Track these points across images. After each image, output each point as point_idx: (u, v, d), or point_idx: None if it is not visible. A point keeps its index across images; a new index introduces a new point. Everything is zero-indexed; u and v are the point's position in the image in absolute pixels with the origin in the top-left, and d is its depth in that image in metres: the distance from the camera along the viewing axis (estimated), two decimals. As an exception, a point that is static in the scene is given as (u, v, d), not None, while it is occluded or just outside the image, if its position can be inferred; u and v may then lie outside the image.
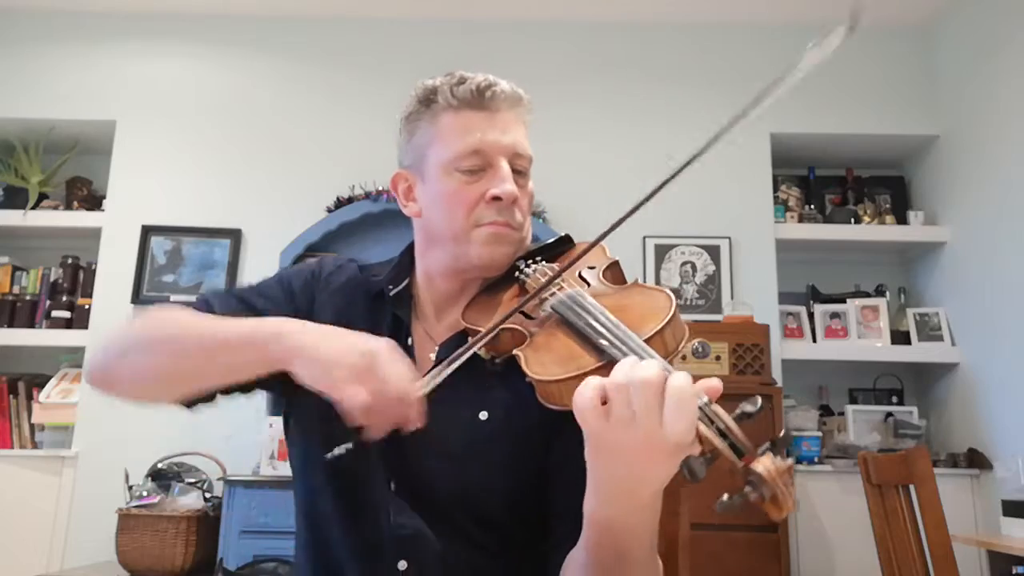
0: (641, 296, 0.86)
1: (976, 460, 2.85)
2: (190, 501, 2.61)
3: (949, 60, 3.24)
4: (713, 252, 3.18)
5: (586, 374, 0.73)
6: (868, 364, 3.20)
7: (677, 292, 3.14)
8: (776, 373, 2.94)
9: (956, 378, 3.07)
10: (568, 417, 0.76)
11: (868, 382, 3.29)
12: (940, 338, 3.11)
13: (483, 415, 0.94)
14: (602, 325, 0.79)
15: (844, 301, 3.24)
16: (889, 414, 3.12)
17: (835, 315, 3.22)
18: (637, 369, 0.65)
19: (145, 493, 2.59)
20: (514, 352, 0.85)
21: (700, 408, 0.65)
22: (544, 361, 0.81)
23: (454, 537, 0.92)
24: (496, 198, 0.95)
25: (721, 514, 0.63)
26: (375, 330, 1.01)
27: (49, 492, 2.95)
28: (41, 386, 3.09)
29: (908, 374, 3.31)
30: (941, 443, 3.10)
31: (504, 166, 0.96)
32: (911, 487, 1.98)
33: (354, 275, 1.09)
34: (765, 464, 0.63)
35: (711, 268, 3.17)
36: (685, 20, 3.39)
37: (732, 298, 3.11)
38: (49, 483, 2.96)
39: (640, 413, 0.64)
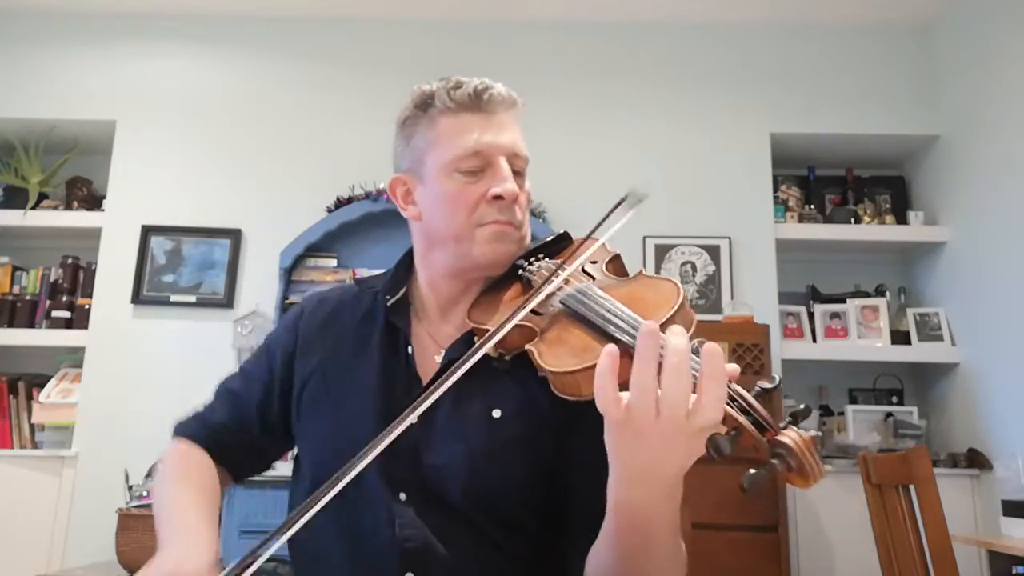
0: (648, 286, 0.87)
1: (976, 460, 2.85)
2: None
3: (949, 60, 3.24)
4: (713, 252, 3.18)
5: None
6: (868, 364, 3.20)
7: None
8: (776, 373, 2.92)
9: (956, 378, 3.07)
10: (582, 409, 0.77)
11: (868, 382, 3.29)
12: (940, 338, 3.11)
13: (496, 412, 0.95)
14: (614, 315, 0.80)
15: (844, 301, 3.24)
16: (889, 414, 3.12)
17: (835, 315, 3.22)
18: (665, 362, 0.65)
19: (145, 493, 2.59)
20: (526, 347, 0.86)
21: None
22: (558, 353, 0.82)
23: (469, 538, 0.92)
24: (498, 197, 0.97)
25: (748, 489, 0.64)
26: (367, 344, 1.04)
27: (49, 492, 2.95)
28: (41, 386, 3.10)
29: (908, 374, 3.31)
30: (941, 443, 3.10)
31: (504, 165, 0.98)
32: (911, 487, 1.99)
33: (341, 298, 1.12)
34: (791, 436, 0.64)
35: (711, 268, 3.17)
36: (683, 19, 3.39)
37: (732, 298, 3.11)
38: (49, 483, 2.96)
39: (666, 414, 0.65)
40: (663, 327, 0.74)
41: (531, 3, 3.34)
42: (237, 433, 1.08)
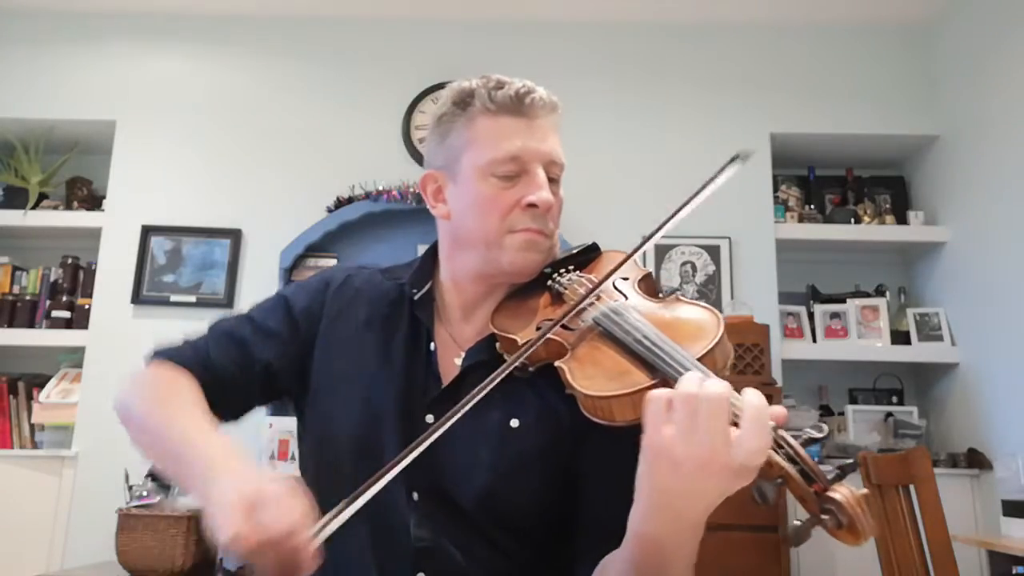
0: (687, 313, 0.84)
1: (976, 460, 2.85)
2: (190, 501, 2.61)
3: (949, 60, 3.24)
4: (713, 252, 3.18)
5: (641, 391, 0.72)
6: (868, 364, 3.20)
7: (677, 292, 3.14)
8: (776, 373, 2.94)
9: (956, 378, 3.07)
10: (602, 427, 0.76)
11: (868, 382, 3.29)
12: (940, 338, 3.11)
13: (514, 422, 0.93)
14: (652, 342, 0.77)
15: (844, 301, 3.24)
16: (889, 414, 3.12)
17: (835, 315, 3.22)
18: (707, 383, 0.65)
19: (145, 493, 2.59)
20: (556, 364, 0.83)
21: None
22: (592, 375, 0.79)
23: (478, 543, 0.92)
24: (532, 205, 0.95)
25: (794, 540, 0.64)
26: (393, 336, 1.01)
27: (49, 492, 2.95)
28: (41, 386, 3.09)
29: (908, 374, 3.31)
30: (941, 443, 3.10)
31: (540, 173, 0.96)
32: (911, 487, 1.99)
33: (368, 282, 1.08)
34: (843, 492, 0.63)
35: (711, 268, 3.17)
36: (683, 20, 3.38)
37: (732, 298, 3.11)
38: (49, 483, 2.96)
39: (703, 427, 0.64)
40: (703, 359, 0.73)
41: (528, 3, 3.33)
42: (233, 380, 1.00)
